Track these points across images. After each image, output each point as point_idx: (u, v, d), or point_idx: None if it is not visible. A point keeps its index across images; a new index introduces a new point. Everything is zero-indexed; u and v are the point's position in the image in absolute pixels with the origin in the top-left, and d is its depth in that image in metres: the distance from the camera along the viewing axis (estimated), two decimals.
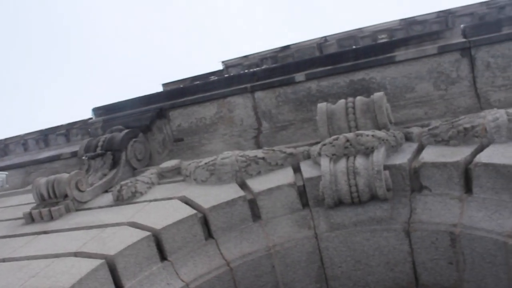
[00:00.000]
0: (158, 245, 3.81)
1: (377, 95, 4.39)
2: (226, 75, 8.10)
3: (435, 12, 10.12)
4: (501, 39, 4.84)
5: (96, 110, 6.46)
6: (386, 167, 3.88)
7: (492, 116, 3.87)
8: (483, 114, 4.02)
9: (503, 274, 3.48)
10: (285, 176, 4.24)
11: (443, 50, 5.01)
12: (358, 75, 5.25)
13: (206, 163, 4.53)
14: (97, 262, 3.40)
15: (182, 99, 5.92)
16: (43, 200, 4.76)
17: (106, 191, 5.09)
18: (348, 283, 4.12)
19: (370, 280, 4.08)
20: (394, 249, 3.92)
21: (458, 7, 9.99)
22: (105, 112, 6.37)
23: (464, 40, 4.98)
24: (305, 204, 4.18)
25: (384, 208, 3.89)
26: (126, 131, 5.68)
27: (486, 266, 3.57)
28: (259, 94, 5.59)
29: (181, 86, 7.14)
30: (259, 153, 4.46)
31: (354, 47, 7.69)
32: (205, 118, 5.86)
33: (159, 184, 4.98)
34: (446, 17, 9.99)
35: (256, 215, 4.17)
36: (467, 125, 3.93)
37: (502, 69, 4.89)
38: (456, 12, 9.93)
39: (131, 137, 5.65)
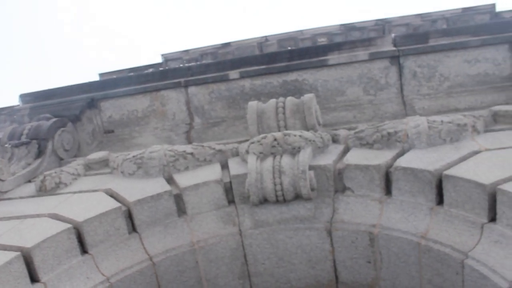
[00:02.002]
0: (79, 238, 3.71)
1: (307, 96, 4.46)
2: (161, 69, 7.99)
3: (374, 20, 10.46)
4: (427, 51, 5.06)
5: (24, 97, 6.18)
6: (311, 167, 3.96)
7: (414, 123, 4.03)
8: (406, 120, 4.17)
9: (415, 272, 3.65)
10: (212, 172, 4.24)
11: (374, 57, 5.17)
12: (292, 76, 5.32)
13: (134, 156, 4.46)
14: (11, 254, 3.28)
15: (115, 90, 5.77)
16: None
17: (30, 181, 4.90)
18: (271, 280, 4.18)
19: (292, 277, 4.16)
20: (316, 247, 4.02)
21: (395, 17, 10.37)
22: (34, 99, 6.11)
23: (394, 48, 5.16)
24: (231, 201, 4.19)
25: (308, 207, 3.97)
26: (54, 119, 5.48)
27: (401, 265, 3.73)
28: (192, 89, 5.55)
29: (115, 77, 6.99)
30: (188, 148, 4.43)
31: (289, 48, 7.78)
32: (137, 110, 5.75)
33: (85, 175, 4.84)
34: (383, 25, 10.34)
35: (181, 210, 4.14)
36: (391, 130, 4.07)
37: (427, 78, 5.11)
38: (393, 22, 10.30)
39: (59, 126, 5.46)
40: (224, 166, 4.37)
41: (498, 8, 9.53)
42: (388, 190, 3.89)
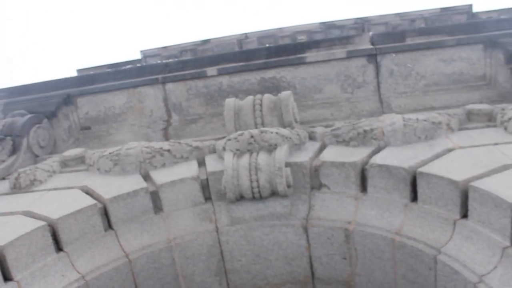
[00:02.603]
0: (54, 235, 3.66)
1: (284, 93, 4.47)
2: (138, 65, 7.93)
3: (353, 19, 10.53)
4: (404, 49, 5.12)
5: None
6: (287, 164, 3.97)
7: (390, 120, 4.07)
8: (382, 118, 4.21)
9: (390, 268, 3.70)
10: (189, 169, 4.22)
11: (352, 55, 5.21)
12: (269, 73, 5.34)
13: (110, 153, 4.41)
14: None
15: (91, 86, 5.71)
16: None
17: (4, 179, 4.82)
18: (247, 277, 4.19)
19: (268, 274, 4.17)
20: (292, 244, 4.03)
21: (375, 16, 10.45)
22: (8, 95, 6.01)
23: (371, 47, 5.21)
24: (207, 198, 4.19)
25: (284, 204, 3.98)
26: (29, 116, 5.39)
27: (376, 261, 3.77)
28: (170, 86, 5.52)
29: (92, 73, 6.90)
30: (165, 145, 4.40)
31: (267, 45, 7.79)
32: (114, 107, 5.70)
33: (61, 172, 4.78)
34: (363, 24, 10.41)
35: (158, 207, 4.12)
36: (367, 128, 4.10)
37: (404, 77, 5.17)
38: (372, 21, 10.39)
39: (35, 122, 5.37)
40: (201, 163, 4.35)
41: (475, 9, 9.70)
42: (363, 187, 3.92)
